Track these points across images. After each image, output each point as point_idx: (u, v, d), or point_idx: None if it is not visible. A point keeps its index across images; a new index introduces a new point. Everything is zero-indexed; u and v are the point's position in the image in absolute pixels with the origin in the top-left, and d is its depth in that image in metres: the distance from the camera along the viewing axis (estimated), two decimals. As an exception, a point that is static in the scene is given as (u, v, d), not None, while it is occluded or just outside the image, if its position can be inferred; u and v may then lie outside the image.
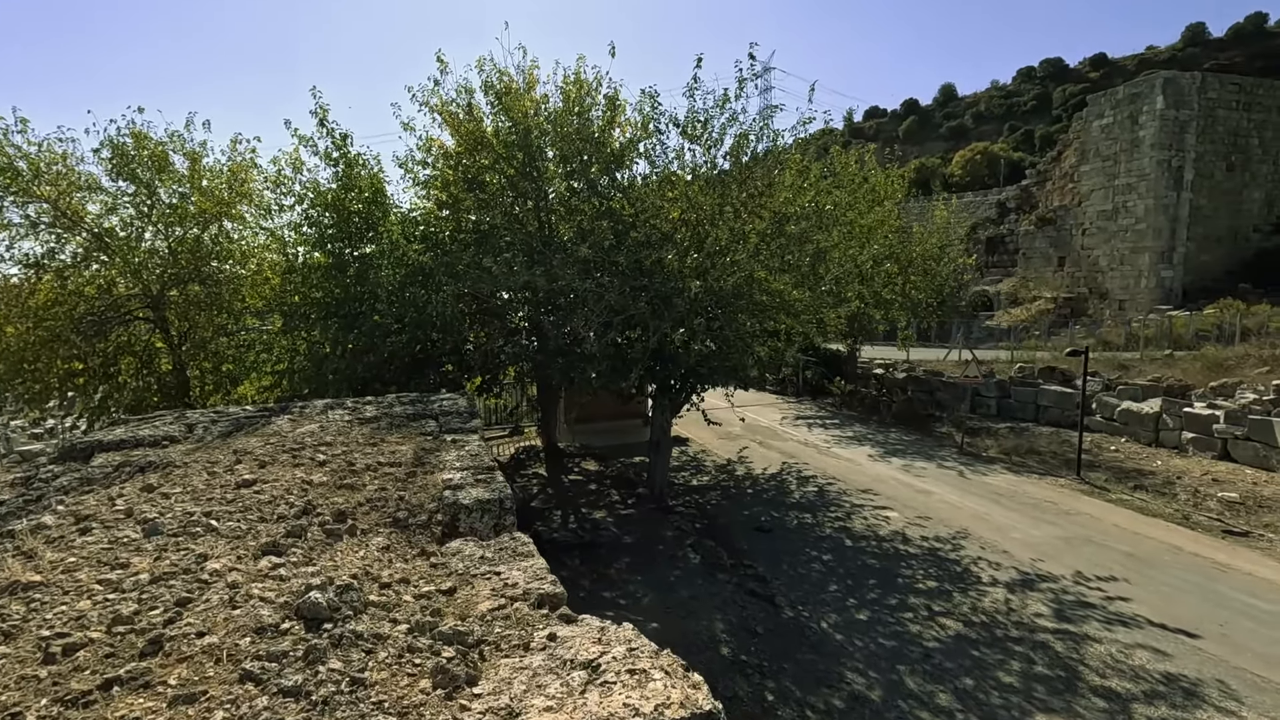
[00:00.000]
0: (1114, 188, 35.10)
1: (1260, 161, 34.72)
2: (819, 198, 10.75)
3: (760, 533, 10.61)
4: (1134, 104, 34.00)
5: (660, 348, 9.78)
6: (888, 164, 19.98)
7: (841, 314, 12.42)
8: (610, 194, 11.14)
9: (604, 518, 10.83)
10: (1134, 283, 34.11)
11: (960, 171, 66.93)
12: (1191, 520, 10.93)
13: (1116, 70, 74.39)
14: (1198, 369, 21.02)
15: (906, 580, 8.78)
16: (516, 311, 11.98)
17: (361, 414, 5.84)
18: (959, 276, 24.31)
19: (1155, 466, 13.76)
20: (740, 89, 10.66)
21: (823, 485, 13.17)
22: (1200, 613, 7.75)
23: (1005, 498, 12.21)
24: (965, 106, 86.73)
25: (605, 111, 11.44)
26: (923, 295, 21.13)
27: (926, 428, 18.69)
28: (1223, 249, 34.27)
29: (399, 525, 3.29)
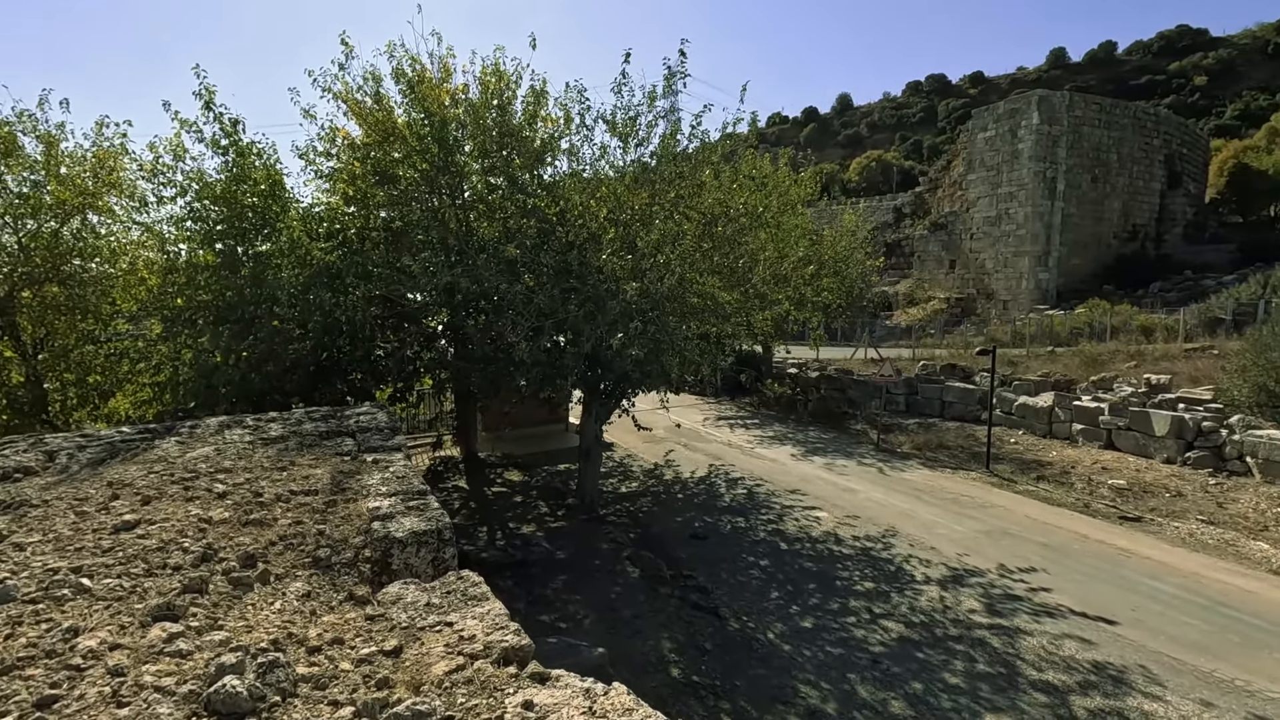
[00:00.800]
0: (997, 195, 37.72)
1: (1118, 175, 38.29)
2: (750, 199, 10.67)
3: (696, 540, 10.40)
4: (1013, 119, 36.65)
5: (594, 353, 9.37)
6: (800, 168, 20.40)
7: (769, 316, 12.49)
8: (534, 191, 10.62)
9: (534, 532, 10.28)
10: (1016, 284, 36.79)
11: (857, 178, 70.28)
12: (1091, 508, 11.67)
13: (992, 87, 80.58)
14: (1077, 364, 22.78)
15: (845, 582, 8.80)
16: (434, 315, 11.21)
17: (265, 433, 5.08)
18: (866, 278, 25.27)
19: (1052, 457, 14.68)
20: (669, 86, 10.40)
21: (751, 487, 13.17)
22: (1114, 599, 8.18)
23: (925, 493, 12.62)
24: (861, 116, 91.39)
25: (529, 104, 10.88)
26: (833, 296, 21.75)
27: (842, 425, 19.23)
28: (1089, 254, 37.56)
29: (321, 566, 2.75)
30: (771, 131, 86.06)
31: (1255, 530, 10.47)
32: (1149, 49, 77.17)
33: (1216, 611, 7.84)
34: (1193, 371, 19.08)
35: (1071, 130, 36.05)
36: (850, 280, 22.15)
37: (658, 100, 10.43)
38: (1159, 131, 40.03)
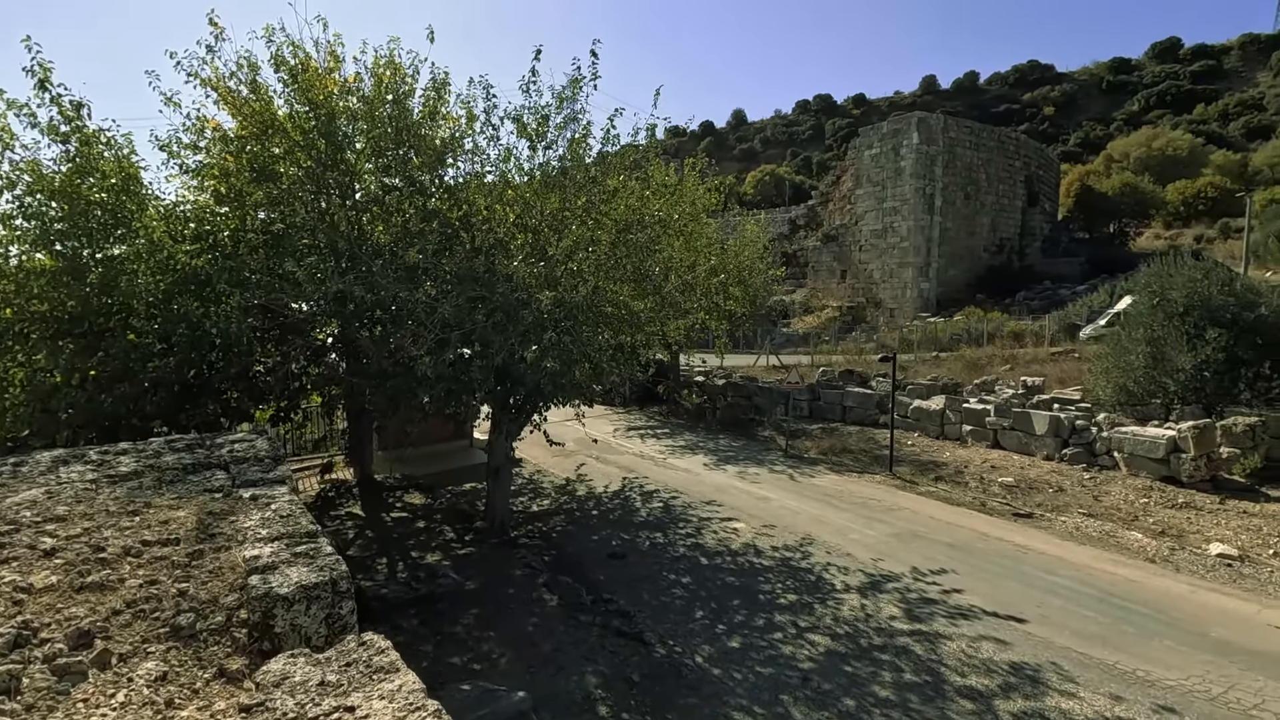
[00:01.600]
0: (882, 209, 39.94)
1: (986, 193, 41.55)
2: (664, 206, 10.44)
3: (614, 559, 9.97)
4: (896, 138, 38.97)
5: (505, 366, 8.76)
6: (706, 178, 20.56)
7: (682, 325, 12.33)
8: (435, 193, 9.90)
9: (440, 561, 9.49)
10: (901, 293, 39.04)
11: (753, 190, 72.68)
12: (987, 506, 12.25)
13: (873, 109, 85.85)
14: (960, 368, 24.29)
15: (768, 596, 8.65)
16: (323, 327, 10.18)
17: (114, 468, 4.19)
18: (768, 287, 25.86)
19: (946, 458, 15.40)
20: (578, 87, 10.00)
21: (667, 500, 12.90)
22: (1020, 596, 8.49)
23: (835, 498, 12.83)
24: (754, 131, 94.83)
25: (429, 99, 10.14)
26: (739, 305, 22.05)
27: (750, 432, 19.43)
28: (964, 265, 40.47)
29: (182, 637, 2.17)
30: (671, 143, 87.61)
31: (1128, 521, 11.31)
32: (1006, 80, 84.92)
33: (1109, 603, 8.30)
34: (1060, 374, 20.78)
35: (947, 150, 38.78)
36: (754, 289, 22.54)
37: (568, 102, 10.00)
38: (1020, 154, 43.88)
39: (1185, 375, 14.44)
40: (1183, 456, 12.49)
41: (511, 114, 9.65)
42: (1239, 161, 55.64)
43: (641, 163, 12.13)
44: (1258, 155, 56.58)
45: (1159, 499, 11.98)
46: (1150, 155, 57.21)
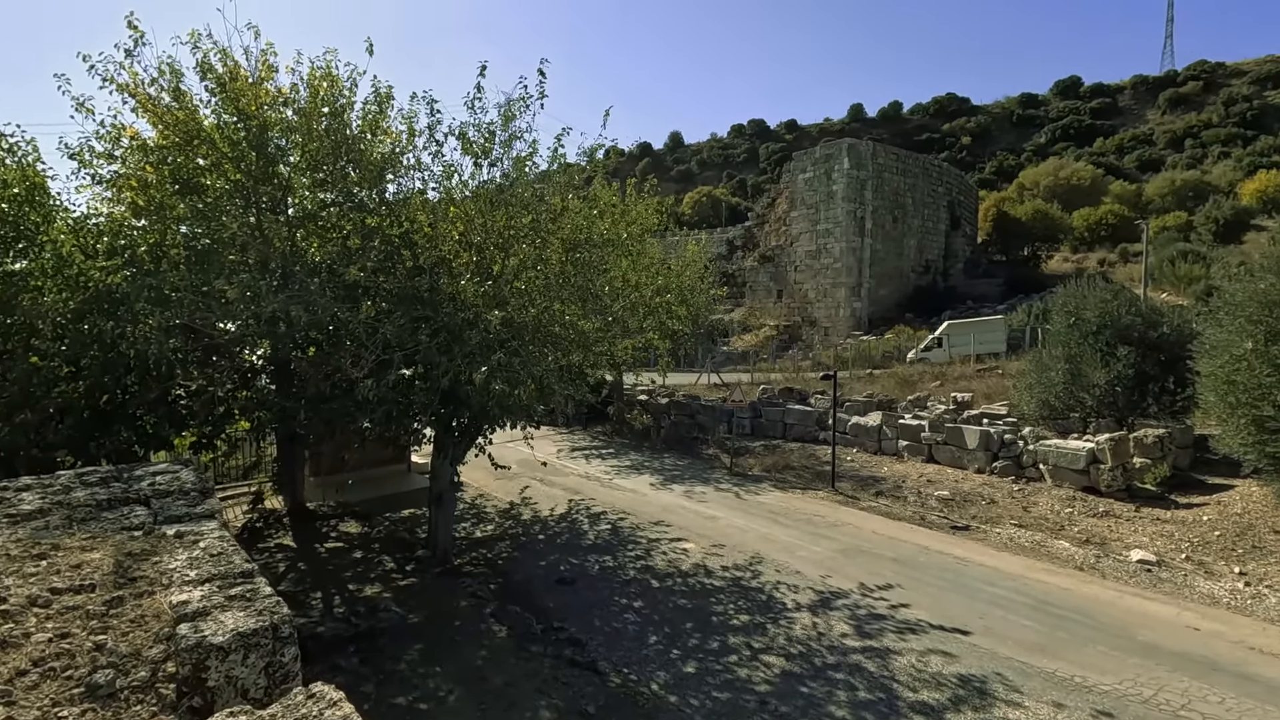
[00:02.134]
0: (817, 232, 41.21)
1: (913, 216, 43.48)
2: (612, 226, 10.40)
3: (563, 585, 9.72)
4: (828, 163, 40.39)
5: (451, 388, 8.47)
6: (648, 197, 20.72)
7: (630, 345, 12.26)
8: (375, 209, 9.56)
9: (380, 594, 9.02)
10: (835, 312, 40.24)
11: (690, 211, 73.83)
12: (927, 520, 12.61)
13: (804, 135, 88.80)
14: (893, 384, 25.12)
15: (721, 618, 8.59)
16: (254, 348, 9.63)
17: (15, 506, 3.78)
18: (710, 306, 26.17)
19: (885, 473, 15.82)
20: (525, 106, 9.89)
21: (614, 521, 12.73)
22: (963, 608, 8.72)
23: (781, 515, 12.95)
24: (691, 153, 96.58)
25: (369, 112, 9.82)
26: (682, 324, 22.20)
27: (695, 450, 19.49)
28: (893, 285, 42.12)
29: (100, 697, 1.95)
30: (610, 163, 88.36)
31: (1056, 530, 11.85)
32: (927, 110, 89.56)
33: (1045, 611, 8.62)
34: (986, 389, 21.75)
35: (876, 175, 40.45)
36: (697, 308, 22.76)
37: (514, 120, 9.88)
38: (942, 181, 46.19)
39: (1100, 390, 15.34)
40: (1101, 467, 13.22)
41: (456, 130, 9.44)
42: (1134, 191, 60.25)
43: (588, 183, 12.09)
44: (1150, 186, 61.42)
45: (1082, 508, 12.61)
46: (1057, 184, 61.27)
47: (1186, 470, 13.96)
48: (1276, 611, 8.58)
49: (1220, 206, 51.16)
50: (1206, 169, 63.56)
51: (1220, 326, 11.64)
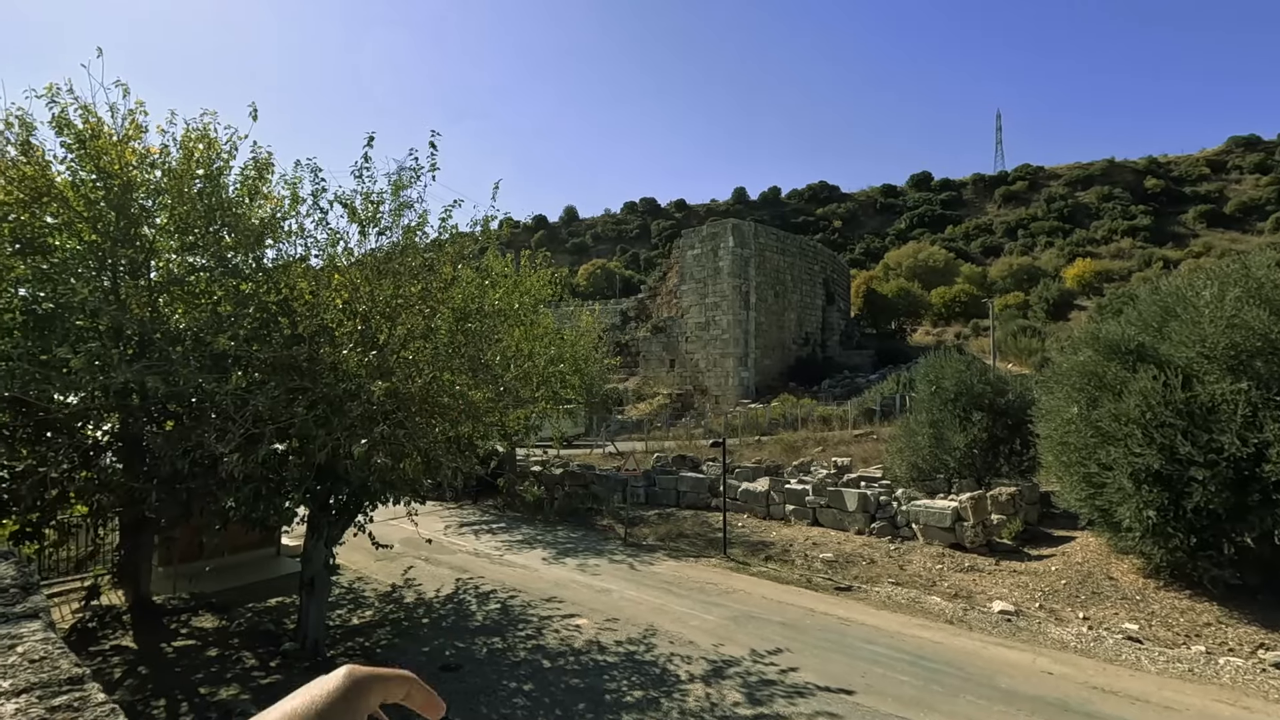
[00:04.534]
0: (705, 304, 43.05)
1: (792, 292, 46.45)
2: (504, 296, 10.46)
3: (448, 671, 9.15)
4: (714, 240, 42.73)
5: (329, 463, 8.01)
6: (543, 268, 21.01)
7: (522, 415, 12.13)
8: (251, 275, 9.13)
9: (237, 696, 8.10)
10: (724, 381, 41.72)
11: (585, 283, 75.19)
12: (813, 582, 13.01)
13: (692, 214, 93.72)
14: (779, 450, 26.14)
15: (614, 695, 8.37)
16: (99, 422, 8.72)
17: None
18: (604, 376, 26.45)
19: (773, 537, 16.26)
20: (416, 176, 9.95)
21: (505, 600, 12.22)
22: (846, 667, 8.99)
23: (675, 585, 12.94)
24: (586, 227, 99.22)
25: (248, 177, 9.50)
26: (575, 394, 22.26)
27: (589, 521, 19.22)
28: (777, 355, 44.39)
29: None
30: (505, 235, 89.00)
31: (929, 586, 12.57)
32: (802, 196, 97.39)
33: (920, 665, 9.04)
34: (863, 454, 23.10)
35: (758, 253, 43.13)
36: (591, 378, 22.95)
37: (404, 190, 9.88)
38: (818, 259, 49.93)
39: (960, 452, 16.72)
40: (964, 525, 14.27)
41: (342, 198, 9.31)
42: (981, 273, 67.74)
43: (480, 253, 12.16)
44: (993, 269, 69.36)
45: (950, 564, 13.48)
46: (917, 265, 67.87)
47: (1036, 524, 15.31)
48: (1114, 652, 9.46)
49: (1049, 288, 58.44)
50: (1036, 255, 72.71)
51: (1051, 394, 13.14)
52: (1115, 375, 11.69)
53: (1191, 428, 10.33)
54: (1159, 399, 10.64)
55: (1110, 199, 78.69)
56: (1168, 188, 79.05)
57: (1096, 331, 12.68)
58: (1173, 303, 11.53)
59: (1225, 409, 10.20)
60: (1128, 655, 9.33)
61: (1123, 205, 76.44)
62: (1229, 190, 76.48)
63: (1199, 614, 10.39)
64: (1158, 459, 10.44)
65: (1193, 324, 10.81)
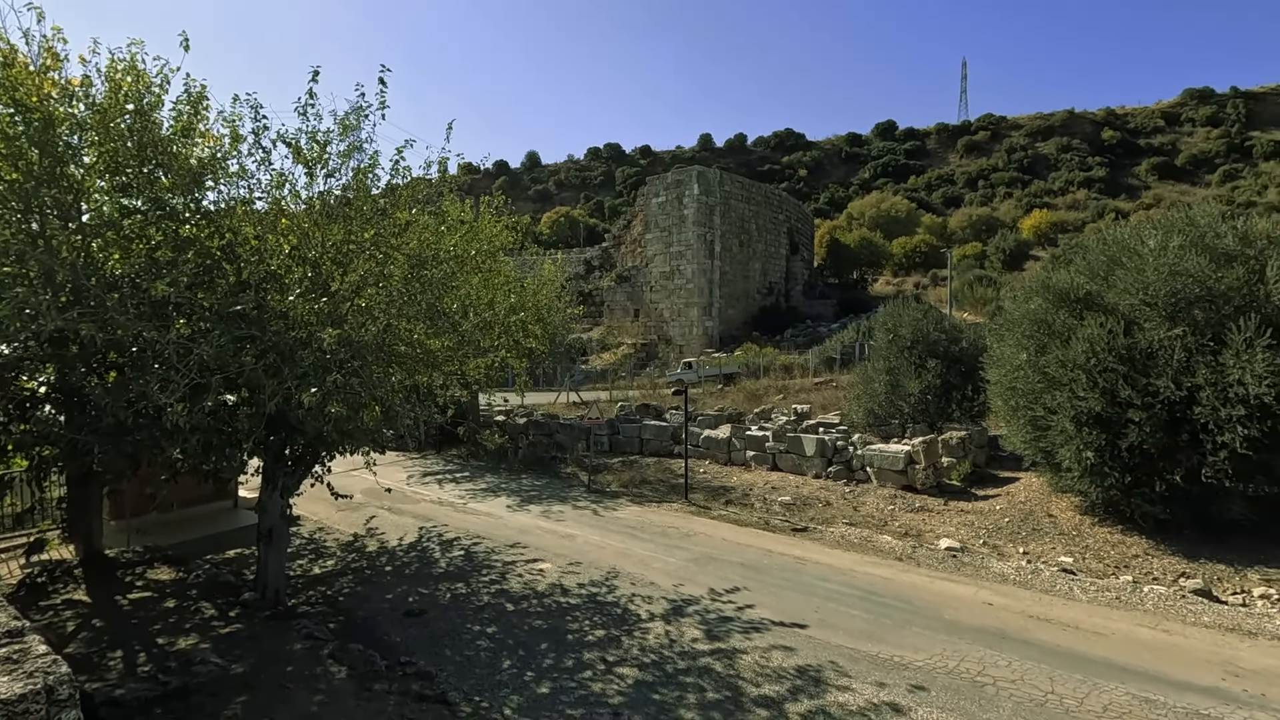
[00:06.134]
0: (670, 254, 42.79)
1: (757, 241, 46.42)
2: (460, 242, 10.19)
3: (412, 617, 9.25)
4: (679, 188, 42.20)
5: (279, 412, 7.83)
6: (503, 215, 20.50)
7: (482, 364, 12.00)
8: (191, 218, 8.69)
9: (197, 645, 8.07)
10: (689, 331, 41.89)
11: (549, 231, 73.91)
12: (771, 524, 13.41)
13: (658, 161, 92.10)
14: (742, 398, 26.53)
15: (576, 635, 8.58)
16: (34, 374, 8.34)
17: None
18: (567, 325, 26.27)
19: (734, 482, 16.64)
20: (364, 115, 9.50)
21: (469, 547, 12.33)
22: (801, 604, 9.36)
23: (637, 530, 13.21)
24: (549, 174, 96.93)
25: (182, 113, 8.94)
26: (539, 343, 22.10)
27: (553, 470, 19.38)
28: (741, 305, 44.62)
29: None
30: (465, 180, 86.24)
31: (880, 526, 13.07)
32: (769, 144, 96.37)
33: (871, 600, 9.47)
34: (823, 401, 23.60)
35: (723, 202, 42.82)
36: (554, 327, 22.77)
37: (352, 130, 9.44)
38: (783, 209, 49.81)
39: (915, 398, 17.20)
40: (916, 467, 14.79)
41: (286, 137, 8.85)
42: (941, 224, 68.55)
43: (435, 197, 11.78)
44: (953, 219, 70.20)
45: (902, 505, 14.01)
46: (880, 215, 68.30)
47: (984, 467, 15.95)
48: (1049, 584, 10.03)
49: (1006, 239, 59.47)
50: (995, 206, 73.72)
51: (1002, 341, 13.51)
52: (1063, 323, 12.04)
53: (1132, 372, 10.76)
54: (1103, 345, 11.02)
55: (1069, 150, 79.78)
56: (1124, 139, 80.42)
57: (1046, 280, 12.99)
58: (1119, 252, 11.84)
59: (1163, 354, 10.64)
60: (1062, 586, 9.91)
61: (1080, 157, 77.65)
62: (1181, 143, 78.18)
63: (1129, 547, 11.05)
64: (1099, 402, 10.89)
65: (1137, 272, 11.15)
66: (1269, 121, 76.43)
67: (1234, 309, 10.17)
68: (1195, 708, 6.55)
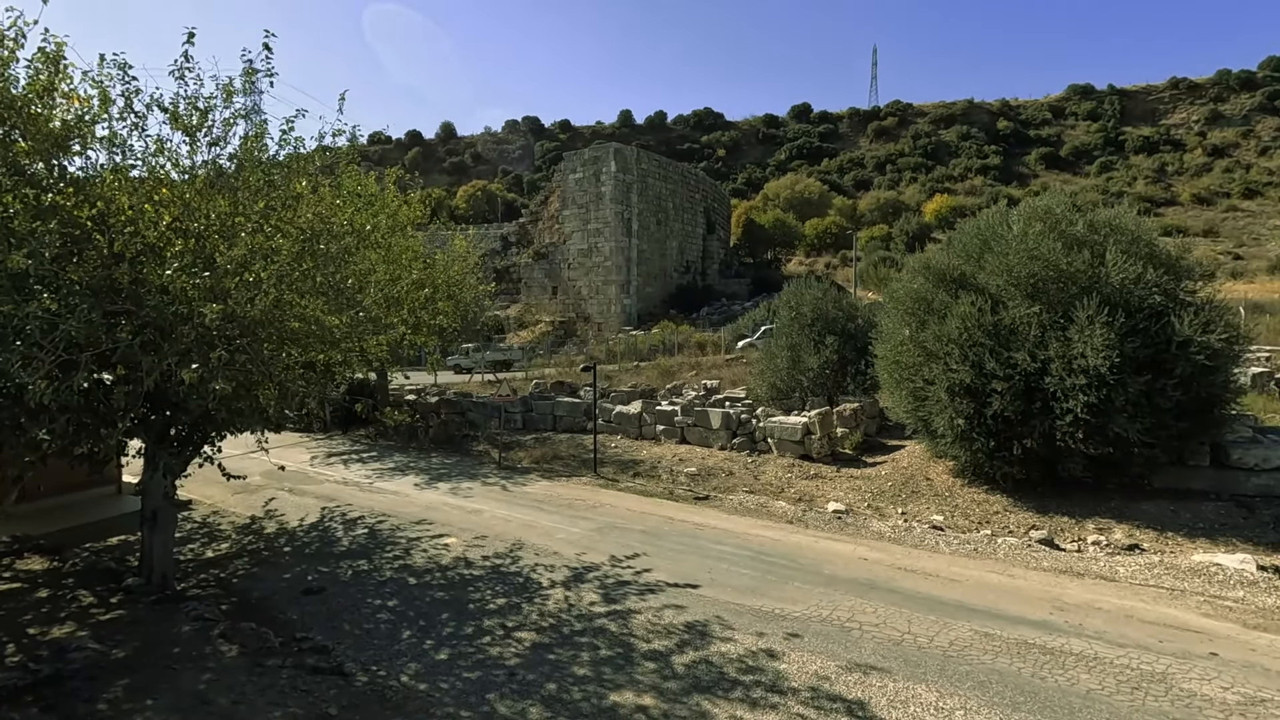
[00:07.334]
0: (588, 231, 42.75)
1: (674, 220, 46.99)
2: (356, 216, 9.98)
3: (310, 595, 9.20)
4: (597, 165, 42.09)
5: (159, 390, 7.56)
6: (408, 189, 19.99)
7: (383, 341, 11.82)
8: (54, 186, 8.16)
9: (73, 633, 7.76)
10: (607, 309, 42.12)
11: (465, 205, 72.04)
12: (675, 494, 13.98)
13: (578, 135, 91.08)
14: (656, 375, 27.11)
15: (477, 604, 8.80)
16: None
17: None
18: (480, 303, 25.97)
19: (643, 455, 17.14)
20: (250, 81, 9.15)
21: (373, 525, 12.25)
22: (695, 566, 9.90)
23: (545, 503, 13.47)
24: (465, 146, 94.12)
25: (39, 71, 8.32)
26: (449, 320, 21.79)
27: (465, 448, 19.32)
28: (658, 283, 45.19)
29: None
30: (375, 150, 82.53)
31: (777, 493, 13.87)
32: (688, 122, 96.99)
33: (760, 560, 10.13)
34: (733, 376, 24.46)
35: (640, 180, 43.04)
36: (465, 304, 22.49)
37: (237, 97, 9.08)
38: (699, 188, 50.53)
39: (814, 373, 18.15)
40: (812, 438, 15.70)
41: (160, 101, 8.42)
42: (851, 206, 71.39)
43: (332, 169, 11.44)
44: (862, 202, 73.25)
45: (799, 473, 14.88)
46: (794, 196, 70.35)
47: (875, 436, 17.08)
48: (919, 539, 11.02)
49: (910, 222, 62.64)
50: (902, 190, 77.33)
51: (889, 317, 14.48)
52: (941, 301, 13.04)
53: (996, 346, 11.83)
54: (974, 322, 12.04)
55: (968, 138, 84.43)
56: (1016, 130, 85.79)
57: (928, 261, 14.00)
58: (989, 236, 12.91)
59: (1022, 330, 11.74)
60: (930, 541, 10.91)
61: (978, 145, 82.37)
62: (1066, 134, 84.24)
63: (991, 505, 12.23)
64: (969, 374, 11.92)
65: (1002, 255, 12.21)
66: (1139, 118, 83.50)
67: (1079, 289, 11.34)
68: (1025, 638, 7.47)
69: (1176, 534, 10.62)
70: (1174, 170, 73.39)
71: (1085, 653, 7.15)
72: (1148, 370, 10.82)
